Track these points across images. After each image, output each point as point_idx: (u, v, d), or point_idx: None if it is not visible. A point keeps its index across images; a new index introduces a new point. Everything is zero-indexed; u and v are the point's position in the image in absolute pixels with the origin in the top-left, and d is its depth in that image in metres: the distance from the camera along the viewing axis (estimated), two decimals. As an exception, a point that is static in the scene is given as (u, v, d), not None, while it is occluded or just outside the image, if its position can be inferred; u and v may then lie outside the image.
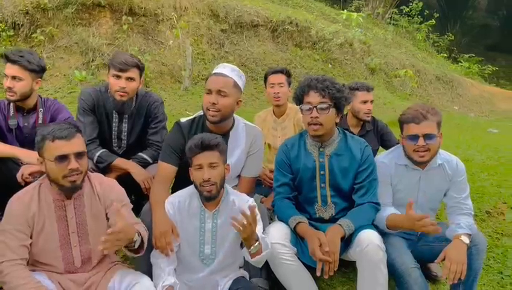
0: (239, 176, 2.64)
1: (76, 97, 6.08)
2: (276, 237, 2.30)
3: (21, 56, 2.64)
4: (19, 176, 2.46)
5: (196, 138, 2.20)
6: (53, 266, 2.12)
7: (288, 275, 2.31)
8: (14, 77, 2.64)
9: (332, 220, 2.44)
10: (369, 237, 2.23)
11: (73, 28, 6.97)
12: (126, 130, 2.94)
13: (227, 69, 2.48)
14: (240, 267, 2.38)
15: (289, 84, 3.41)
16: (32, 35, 6.56)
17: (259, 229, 2.19)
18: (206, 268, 2.28)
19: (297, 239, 2.38)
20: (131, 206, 2.32)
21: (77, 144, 2.05)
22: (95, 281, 2.14)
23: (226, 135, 2.49)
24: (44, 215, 2.10)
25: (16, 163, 2.59)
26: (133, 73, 2.72)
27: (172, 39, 7.57)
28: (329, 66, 9.01)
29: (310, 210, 2.52)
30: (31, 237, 2.07)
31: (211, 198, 2.18)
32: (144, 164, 2.85)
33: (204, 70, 7.72)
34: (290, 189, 2.52)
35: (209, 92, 2.41)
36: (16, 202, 2.08)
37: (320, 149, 2.49)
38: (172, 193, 2.43)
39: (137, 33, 7.46)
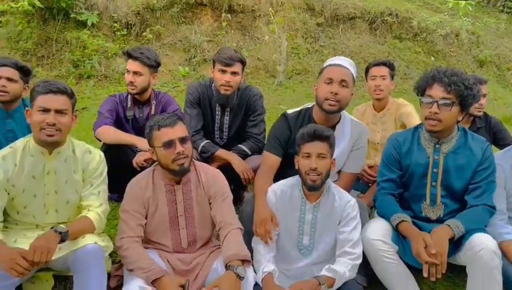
0: (339, 172, 2.62)
1: (179, 91, 6.56)
2: (377, 233, 2.25)
3: (141, 53, 2.90)
4: (134, 161, 2.71)
5: (309, 126, 2.23)
6: (163, 245, 2.30)
7: (388, 273, 2.24)
8: (135, 72, 2.90)
9: (439, 221, 2.30)
10: (483, 241, 2.07)
11: (178, 26, 7.42)
12: (228, 122, 3.07)
13: (346, 62, 2.49)
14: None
15: (392, 77, 3.28)
16: (142, 34, 7.12)
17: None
18: (304, 259, 2.30)
19: (399, 237, 2.29)
20: (232, 197, 2.43)
21: (180, 130, 2.21)
22: (200, 262, 2.27)
23: (332, 129, 2.47)
24: (157, 198, 2.28)
25: (132, 150, 2.86)
26: (237, 67, 2.84)
27: (268, 34, 7.68)
28: (432, 58, 8.43)
29: (415, 208, 2.40)
30: (146, 218, 2.27)
31: (314, 188, 2.19)
32: (243, 156, 2.95)
33: (298, 64, 7.72)
34: (395, 185, 2.42)
35: (330, 81, 2.40)
36: (134, 186, 2.30)
37: (436, 146, 2.35)
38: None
39: (235, 29, 7.70)
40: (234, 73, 2.84)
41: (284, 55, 7.22)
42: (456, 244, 2.17)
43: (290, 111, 2.63)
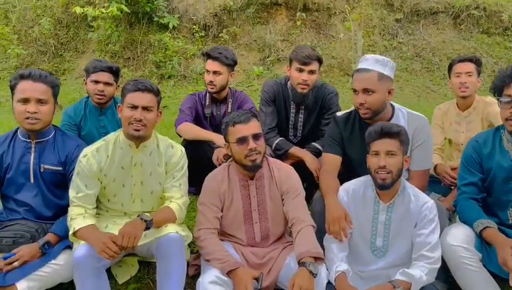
0: (407, 170, 2.51)
1: (253, 91, 6.69)
2: (458, 239, 2.13)
3: (220, 53, 3.02)
4: (215, 159, 2.82)
5: (377, 124, 2.19)
6: (237, 238, 2.38)
7: (471, 281, 2.11)
8: (214, 72, 3.02)
9: (529, 228, 2.12)
10: None
11: (253, 26, 7.57)
12: (302, 120, 3.08)
13: (370, 62, 2.39)
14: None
15: (478, 74, 3.07)
16: (219, 35, 7.36)
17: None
18: (378, 261, 2.24)
19: (483, 244, 2.15)
20: (304, 194, 2.44)
21: (254, 126, 2.26)
22: (273, 257, 2.31)
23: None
24: (232, 192, 2.36)
25: (210, 146, 2.98)
26: (314, 66, 2.84)
27: (343, 32, 7.55)
28: (525, 54, 7.74)
29: (501, 215, 2.24)
30: (221, 211, 2.36)
31: (384, 186, 2.13)
32: (317, 153, 2.94)
33: (375, 62, 7.49)
34: (477, 189, 2.28)
35: (356, 92, 2.38)
36: (211, 180, 2.40)
37: None
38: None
39: (310, 28, 7.67)
40: (311, 71, 2.84)
41: (359, 53, 7.04)
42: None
43: (339, 113, 2.64)
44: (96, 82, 2.97)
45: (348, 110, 2.62)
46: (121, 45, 7.22)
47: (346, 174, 2.49)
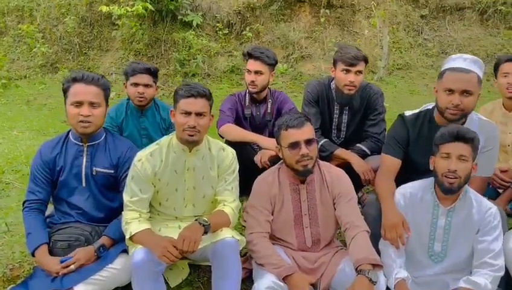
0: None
1: (278, 88, 6.64)
2: (521, 245, 2.08)
3: (261, 52, 2.98)
4: (258, 161, 2.79)
5: (451, 126, 2.12)
6: (288, 242, 2.35)
7: (534, 289, 2.07)
8: (256, 72, 2.99)
9: None
10: None
11: (276, 24, 7.52)
12: (346, 121, 3.03)
13: (469, 62, 2.27)
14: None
15: (527, 73, 2.99)
16: (242, 33, 7.33)
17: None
18: (435, 266, 2.20)
19: (546, 251, 2.09)
20: (357, 198, 2.40)
21: (307, 131, 2.22)
22: (325, 262, 2.28)
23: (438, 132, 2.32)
24: (283, 196, 2.33)
25: (253, 148, 2.96)
26: (361, 66, 2.78)
27: (367, 29, 7.47)
28: (554, 50, 7.58)
29: None
30: (272, 214, 2.33)
31: (450, 191, 2.08)
32: (362, 155, 2.89)
33: (399, 59, 7.40)
34: None
35: (451, 92, 2.24)
36: (261, 182, 2.37)
37: None
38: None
39: (334, 25, 7.60)
40: (358, 72, 2.79)
41: (385, 50, 6.97)
42: None
43: (408, 113, 2.52)
44: (136, 84, 2.97)
45: (418, 110, 2.52)
46: (144, 43, 7.23)
47: (409, 177, 2.39)
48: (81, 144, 2.31)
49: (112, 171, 2.32)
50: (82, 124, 2.20)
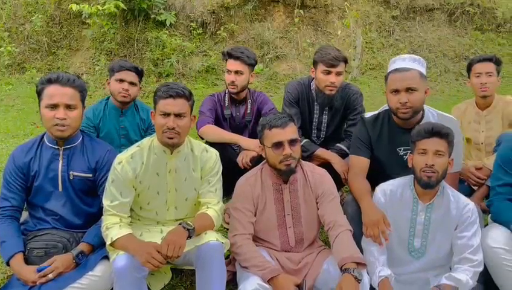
0: None
1: (253, 88, 6.62)
2: (498, 241, 2.14)
3: (241, 52, 2.96)
4: (240, 161, 2.77)
5: (427, 123, 2.18)
6: (271, 243, 2.34)
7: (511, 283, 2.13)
8: (236, 72, 2.96)
9: None
10: None
11: (251, 23, 7.49)
12: (326, 121, 3.05)
13: (408, 61, 2.37)
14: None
15: (498, 73, 3.09)
16: (217, 32, 7.25)
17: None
18: (416, 262, 2.24)
19: (522, 246, 2.16)
20: (339, 197, 2.41)
21: (290, 132, 2.22)
22: (309, 262, 2.28)
23: (414, 129, 2.37)
24: (266, 196, 2.32)
25: (233, 148, 2.93)
26: (342, 67, 2.81)
27: (341, 29, 7.55)
28: (517, 50, 7.89)
29: (537, 215, 2.26)
30: (255, 215, 2.31)
31: (429, 185, 2.12)
32: (343, 155, 2.92)
33: (372, 59, 7.52)
34: None
35: (396, 91, 2.33)
36: (244, 184, 2.35)
37: None
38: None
39: (308, 25, 7.64)
40: (338, 73, 2.81)
41: (358, 50, 7.07)
42: None
43: (367, 115, 2.62)
44: (122, 81, 2.92)
45: (376, 112, 2.60)
46: (116, 42, 7.05)
47: (376, 176, 2.47)
48: (56, 147, 2.22)
49: (90, 175, 2.25)
50: (58, 127, 2.12)
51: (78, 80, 2.20)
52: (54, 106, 2.12)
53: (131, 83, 2.93)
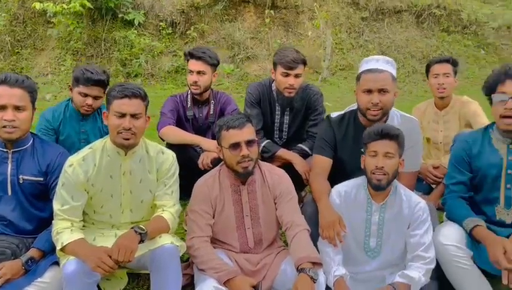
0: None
1: (223, 89, 6.61)
2: (450, 238, 2.18)
3: (203, 52, 2.93)
4: (200, 162, 2.74)
5: (376, 125, 2.20)
6: (230, 245, 2.32)
7: (463, 280, 2.17)
8: (198, 72, 2.93)
9: (515, 225, 2.21)
10: None
11: (221, 24, 7.47)
12: (287, 122, 3.06)
13: (382, 62, 2.38)
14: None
15: (455, 74, 3.17)
16: (187, 32, 7.22)
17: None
18: (372, 262, 2.26)
19: (473, 242, 2.21)
20: (297, 197, 2.42)
21: (247, 132, 2.21)
22: (268, 263, 2.27)
23: (365, 131, 2.40)
24: (224, 198, 2.30)
25: (195, 150, 2.90)
26: (300, 69, 2.81)
27: (311, 30, 7.62)
28: (482, 52, 8.12)
29: (488, 211, 2.31)
30: (213, 217, 2.29)
31: (379, 187, 2.15)
32: (304, 155, 2.93)
33: (342, 60, 7.62)
34: (465, 188, 2.35)
35: (369, 91, 2.34)
36: (202, 185, 2.33)
37: (510, 146, 2.26)
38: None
39: (278, 26, 7.68)
40: (297, 75, 2.81)
41: (328, 51, 7.15)
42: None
43: (333, 114, 2.61)
44: (85, 95, 2.76)
45: (343, 112, 2.60)
46: (83, 42, 6.92)
47: (336, 176, 2.49)
48: (5, 150, 2.15)
49: (41, 179, 2.18)
50: (6, 129, 2.05)
51: (27, 80, 2.13)
52: (2, 108, 2.04)
53: (96, 97, 2.79)
